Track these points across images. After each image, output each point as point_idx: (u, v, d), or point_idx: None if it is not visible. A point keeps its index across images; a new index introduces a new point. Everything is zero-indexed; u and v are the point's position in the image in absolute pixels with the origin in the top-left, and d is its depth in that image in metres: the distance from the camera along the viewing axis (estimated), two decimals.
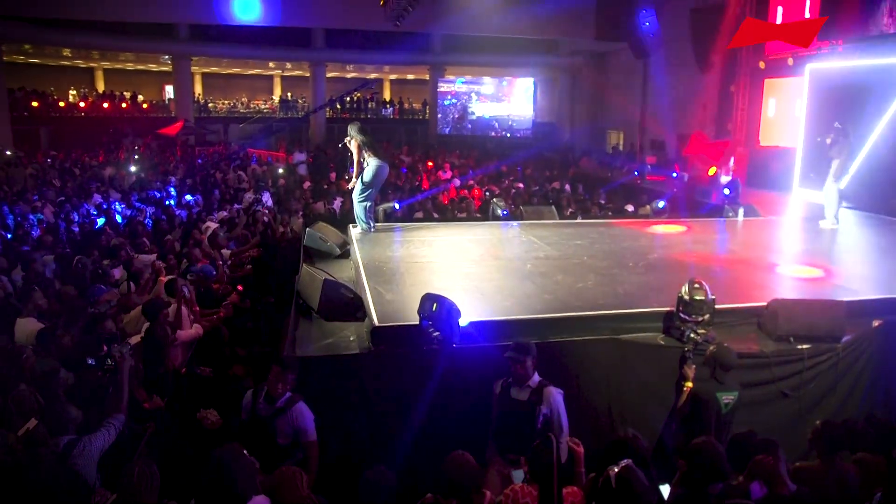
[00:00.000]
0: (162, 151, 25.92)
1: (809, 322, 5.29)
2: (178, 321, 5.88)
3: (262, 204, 11.13)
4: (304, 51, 32.35)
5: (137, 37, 28.00)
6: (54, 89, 31.21)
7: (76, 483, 3.60)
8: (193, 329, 5.83)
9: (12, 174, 17.18)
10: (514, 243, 8.25)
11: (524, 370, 4.29)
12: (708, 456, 3.43)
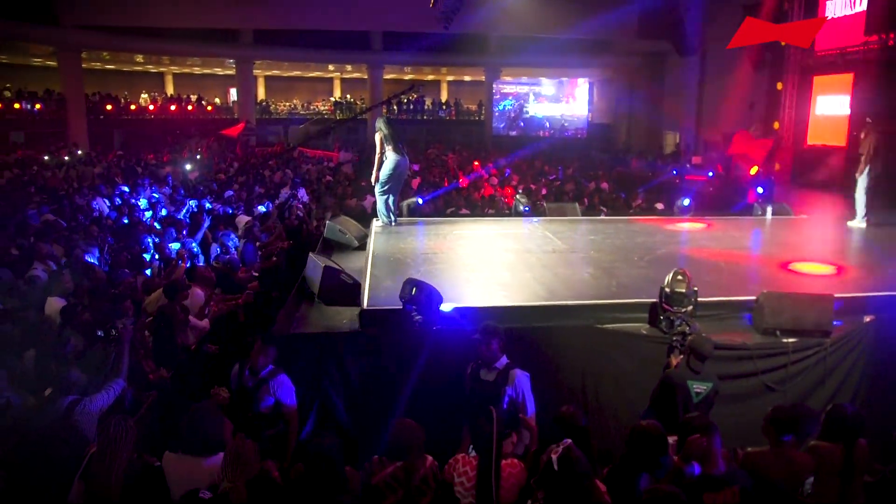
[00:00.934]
0: (223, 151, 27.01)
1: (796, 315, 5.28)
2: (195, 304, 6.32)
3: (297, 199, 11.63)
4: (362, 53, 33.09)
5: (203, 42, 29.30)
6: (128, 93, 32.95)
7: (75, 436, 4.02)
8: (203, 322, 6.22)
9: (82, 172, 18.37)
10: (529, 237, 8.40)
11: (490, 352, 4.48)
12: (646, 438, 3.56)
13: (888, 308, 5.49)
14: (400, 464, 3.56)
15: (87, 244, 7.91)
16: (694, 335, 4.87)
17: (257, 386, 4.47)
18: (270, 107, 37.51)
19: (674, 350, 5.15)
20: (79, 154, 21.68)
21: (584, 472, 3.20)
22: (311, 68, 38.61)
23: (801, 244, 8.12)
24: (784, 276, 6.56)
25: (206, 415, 3.61)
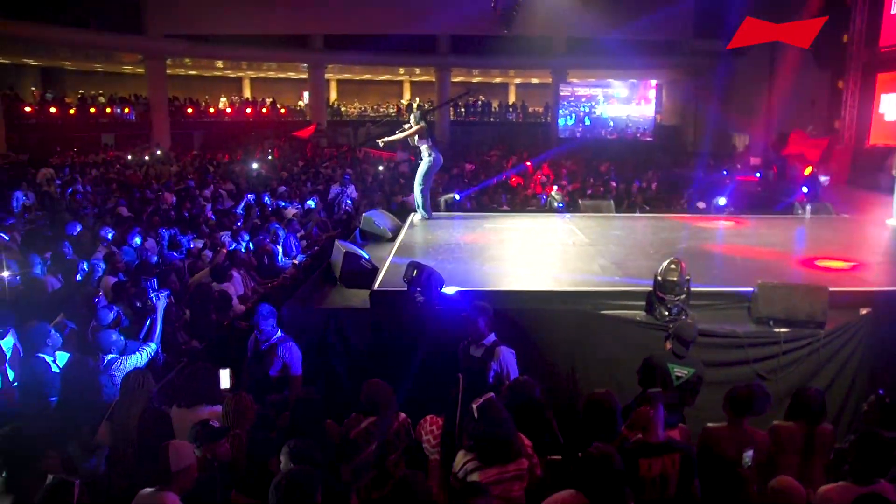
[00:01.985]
0: (293, 152, 28.19)
1: (789, 306, 5.39)
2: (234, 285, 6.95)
3: (347, 195, 12.28)
4: (430, 56, 33.74)
5: (278, 47, 30.64)
6: (209, 97, 34.79)
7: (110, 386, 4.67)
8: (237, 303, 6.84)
9: (160, 170, 19.74)
10: (555, 232, 8.68)
11: (476, 329, 4.83)
12: (599, 408, 3.86)
13: (886, 302, 5.52)
14: (373, 419, 3.98)
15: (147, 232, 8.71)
16: (679, 321, 5.06)
17: (269, 350, 4.99)
18: (341, 109, 38.72)
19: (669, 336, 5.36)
20: (158, 154, 23.18)
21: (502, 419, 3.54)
22: (381, 72, 39.58)
23: (828, 241, 8.06)
24: (796, 270, 6.62)
25: (205, 373, 4.11)
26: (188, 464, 3.23)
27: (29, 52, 26.65)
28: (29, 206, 12.58)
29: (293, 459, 3.16)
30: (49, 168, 17.59)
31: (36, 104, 26.03)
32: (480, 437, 3.62)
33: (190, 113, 31.26)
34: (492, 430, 3.59)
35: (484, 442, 3.61)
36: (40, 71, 30.09)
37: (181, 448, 3.26)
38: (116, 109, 27.75)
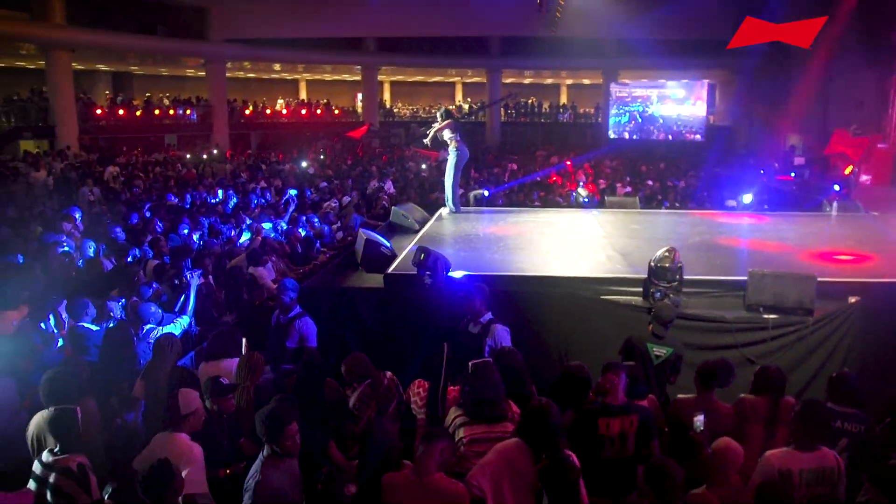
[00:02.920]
0: (344, 151, 29.04)
1: (777, 293, 5.62)
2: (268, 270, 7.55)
3: (384, 191, 12.84)
4: (481, 58, 34.16)
5: (332, 50, 31.60)
6: (266, 99, 36.10)
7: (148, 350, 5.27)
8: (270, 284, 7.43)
9: (216, 169, 20.76)
10: (575, 225, 9.01)
11: (472, 308, 5.26)
12: (572, 379, 4.25)
13: (875, 291, 5.68)
14: (369, 381, 4.46)
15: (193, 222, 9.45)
16: (658, 303, 5.37)
17: (287, 324, 5.52)
18: (394, 110, 39.55)
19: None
20: (214, 153, 24.33)
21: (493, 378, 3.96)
22: (433, 73, 40.23)
23: (844, 237, 8.12)
24: (800, 262, 6.78)
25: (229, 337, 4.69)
26: (195, 408, 3.77)
27: (101, 58, 28.34)
28: (94, 201, 13.59)
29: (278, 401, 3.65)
30: (115, 166, 18.81)
31: (106, 107, 27.61)
32: (470, 395, 4.06)
33: (248, 114, 32.53)
34: (481, 389, 4.02)
35: (473, 399, 4.04)
36: (111, 76, 31.87)
37: (189, 395, 3.81)
38: (179, 111, 29.13)
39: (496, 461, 3.45)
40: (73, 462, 3.43)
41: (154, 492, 3.03)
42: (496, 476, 3.39)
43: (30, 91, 25.36)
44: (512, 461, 3.44)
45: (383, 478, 3.31)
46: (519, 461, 3.41)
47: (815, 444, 3.66)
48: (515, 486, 3.35)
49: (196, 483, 3.52)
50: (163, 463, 3.12)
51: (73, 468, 3.39)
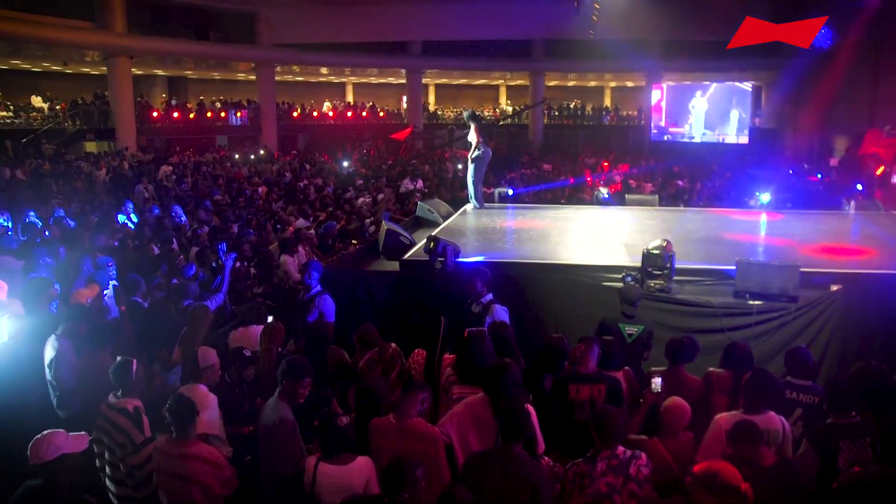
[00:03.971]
0: (389, 153, 29.80)
1: (763, 281, 5.98)
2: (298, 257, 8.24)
3: (416, 189, 13.48)
4: (524, 61, 34.54)
5: (378, 54, 32.46)
6: (314, 101, 37.25)
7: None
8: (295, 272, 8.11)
9: (262, 169, 21.73)
10: (589, 220, 9.44)
11: (474, 289, 5.78)
12: (552, 349, 4.74)
13: (856, 280, 6.00)
14: (376, 349, 5.04)
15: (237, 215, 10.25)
16: (624, 284, 5.81)
17: (309, 301, 6.15)
18: (438, 112, 40.25)
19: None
20: (262, 153, 25.39)
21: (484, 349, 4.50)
22: (478, 76, 40.71)
23: (849, 233, 8.36)
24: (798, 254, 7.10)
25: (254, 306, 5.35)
26: (211, 363, 4.41)
27: (158, 63, 29.82)
28: (147, 197, 14.60)
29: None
30: (168, 166, 19.96)
31: (162, 110, 29.04)
32: (462, 357, 4.60)
33: (295, 116, 33.69)
34: (472, 354, 4.55)
35: (464, 362, 4.58)
36: (167, 80, 33.43)
37: (207, 352, 4.46)
38: (230, 113, 30.40)
39: (463, 412, 3.99)
40: (131, 405, 4.11)
41: (177, 415, 3.68)
42: (462, 424, 3.93)
43: (93, 95, 26.92)
44: (476, 412, 3.96)
45: (371, 422, 3.88)
46: (482, 412, 3.92)
47: (761, 408, 4.06)
48: (480, 434, 3.85)
49: (211, 425, 4.15)
50: (182, 397, 3.78)
51: (130, 409, 4.07)
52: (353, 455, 3.61)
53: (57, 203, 12.28)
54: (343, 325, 6.20)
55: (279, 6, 27.21)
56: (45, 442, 3.27)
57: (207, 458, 3.69)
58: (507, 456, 3.41)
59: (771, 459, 3.49)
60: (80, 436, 3.53)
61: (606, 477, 3.44)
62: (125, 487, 4.01)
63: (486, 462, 3.46)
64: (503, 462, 3.40)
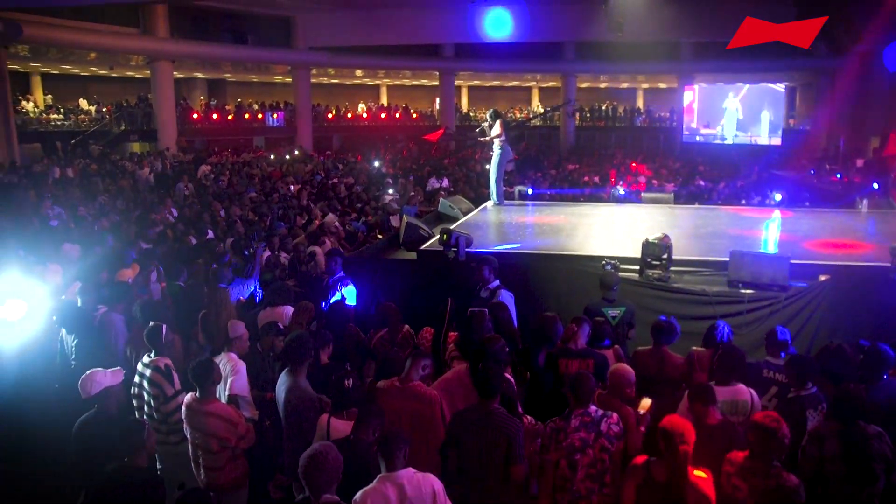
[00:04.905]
0: (421, 154, 30.39)
1: (754, 271, 6.35)
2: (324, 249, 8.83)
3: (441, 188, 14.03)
4: (556, 63, 34.79)
5: (411, 56, 33.09)
6: (348, 104, 38.10)
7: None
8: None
9: (297, 169, 22.49)
10: (602, 216, 9.84)
11: (481, 275, 6.27)
12: (546, 324, 5.20)
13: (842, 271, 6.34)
14: (386, 329, 5.56)
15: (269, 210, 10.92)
16: (602, 271, 6.23)
17: (332, 285, 6.71)
18: (470, 114, 40.74)
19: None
20: (296, 154, 26.22)
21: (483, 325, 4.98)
22: (510, 78, 41.08)
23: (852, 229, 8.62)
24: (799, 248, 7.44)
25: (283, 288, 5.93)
26: (240, 334, 4.98)
27: (198, 66, 30.92)
28: (188, 195, 15.41)
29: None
30: (207, 165, 20.84)
31: (201, 112, 30.10)
32: (463, 335, 5.10)
33: (330, 118, 34.53)
34: (472, 331, 5.04)
35: (465, 338, 5.08)
36: (207, 83, 34.57)
37: (236, 324, 5.05)
38: (267, 115, 31.35)
39: (451, 378, 4.53)
40: (162, 363, 4.74)
41: (198, 378, 4.27)
42: (450, 389, 4.45)
43: (137, 98, 28.09)
44: (463, 379, 4.45)
45: (377, 384, 4.41)
46: (467, 378, 4.41)
47: (730, 381, 4.47)
48: (466, 398, 4.31)
49: (241, 388, 4.73)
50: (202, 362, 4.39)
51: (162, 367, 4.70)
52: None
53: (103, 200, 13.14)
54: (364, 308, 6.75)
55: (314, 11, 28.01)
56: (89, 380, 4.06)
57: (223, 415, 4.26)
58: (485, 411, 3.90)
59: (717, 420, 3.94)
60: (115, 371, 4.33)
61: (580, 432, 3.90)
62: (160, 434, 4.61)
63: (466, 418, 3.96)
64: (481, 417, 3.89)
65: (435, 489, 3.38)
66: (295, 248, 8.33)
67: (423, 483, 3.37)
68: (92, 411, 4.09)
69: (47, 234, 8.93)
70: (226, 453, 4.25)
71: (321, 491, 3.14)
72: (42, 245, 8.05)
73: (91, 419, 4.06)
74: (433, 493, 3.36)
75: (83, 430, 4.04)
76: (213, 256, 7.60)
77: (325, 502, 3.12)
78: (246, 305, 6.73)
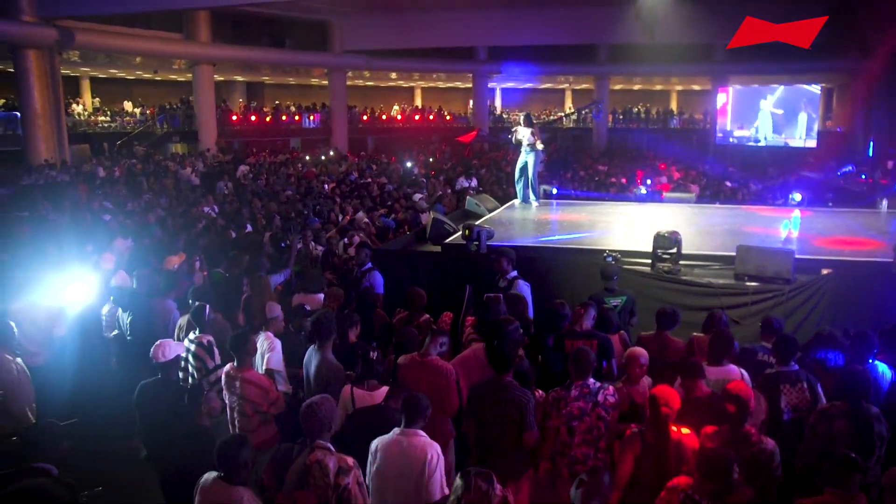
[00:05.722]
0: (452, 155, 30.87)
1: (759, 265, 6.67)
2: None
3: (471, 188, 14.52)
4: (589, 65, 34.97)
5: (445, 59, 33.61)
6: (383, 106, 38.81)
7: None
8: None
9: (331, 170, 23.16)
10: (620, 214, 10.20)
11: (500, 266, 6.71)
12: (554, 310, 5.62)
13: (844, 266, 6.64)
14: (406, 313, 6.04)
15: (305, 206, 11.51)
16: (603, 263, 6.60)
17: (362, 275, 7.22)
18: (503, 116, 41.11)
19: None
20: (331, 155, 26.93)
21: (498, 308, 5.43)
22: (544, 80, 41.32)
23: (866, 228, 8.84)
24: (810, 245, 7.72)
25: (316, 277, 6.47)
26: (276, 315, 5.51)
27: (238, 70, 31.90)
28: (227, 194, 16.15)
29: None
30: (246, 165, 21.64)
31: (240, 114, 31.05)
32: (480, 318, 5.56)
33: (365, 120, 35.26)
34: (488, 314, 5.50)
35: (481, 321, 5.54)
36: (245, 85, 35.58)
37: (272, 305, 5.58)
38: (303, 116, 32.17)
39: (469, 355, 5.01)
40: (205, 339, 5.30)
41: (235, 348, 4.79)
42: (467, 364, 4.93)
43: (179, 100, 29.13)
44: (479, 357, 4.91)
45: (398, 358, 4.88)
46: (483, 356, 4.85)
47: (721, 361, 4.85)
48: (481, 373, 4.77)
49: (276, 363, 5.23)
50: (239, 334, 4.92)
51: (205, 343, 5.26)
52: (378, 384, 4.60)
53: (148, 198, 13.92)
54: (391, 295, 7.24)
55: (350, 15, 28.68)
56: (164, 346, 4.64)
57: (256, 382, 4.78)
58: (500, 384, 4.35)
59: (705, 392, 4.33)
60: (179, 343, 5.03)
61: (578, 402, 4.32)
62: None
63: (483, 390, 4.41)
64: (496, 389, 4.34)
65: (430, 456, 3.77)
66: (328, 241, 8.90)
67: (423, 447, 3.80)
68: (156, 377, 4.63)
69: (101, 228, 9.66)
70: (257, 417, 4.76)
71: (314, 436, 3.63)
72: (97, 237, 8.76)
73: (154, 384, 4.60)
74: (426, 459, 3.76)
75: (146, 393, 4.57)
76: (251, 248, 8.19)
77: (317, 446, 3.61)
78: (282, 292, 7.27)
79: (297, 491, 3.55)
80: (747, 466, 3.88)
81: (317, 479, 3.52)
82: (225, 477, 3.36)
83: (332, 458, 3.58)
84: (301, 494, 3.53)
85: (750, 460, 3.90)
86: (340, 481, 3.50)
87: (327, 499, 3.50)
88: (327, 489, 3.51)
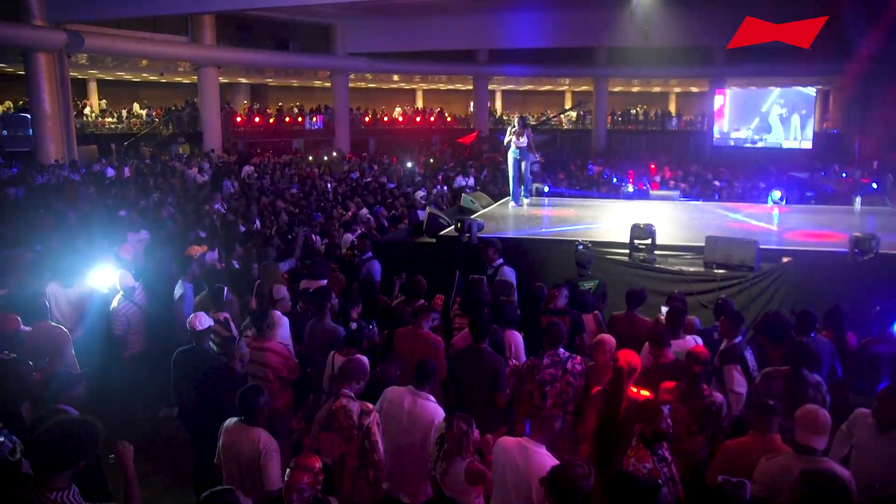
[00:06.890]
0: (453, 156, 31.44)
1: (726, 253, 7.27)
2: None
3: (468, 186, 15.15)
4: (587, 68, 35.53)
5: (446, 61, 34.19)
6: (385, 107, 39.43)
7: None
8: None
9: (333, 168, 23.77)
10: (609, 210, 10.80)
11: (486, 255, 7.31)
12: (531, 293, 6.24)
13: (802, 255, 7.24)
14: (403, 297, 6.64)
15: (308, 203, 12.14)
16: (577, 251, 7.20)
17: (361, 264, 7.83)
18: (503, 118, 41.69)
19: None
20: (333, 155, 27.55)
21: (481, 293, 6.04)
22: (544, 82, 41.86)
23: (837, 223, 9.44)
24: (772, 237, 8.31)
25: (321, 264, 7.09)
26: (283, 296, 6.12)
27: (242, 72, 32.54)
28: (233, 193, 16.80)
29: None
30: (250, 166, 22.28)
31: (244, 115, 31.68)
32: (465, 296, 6.17)
33: (367, 121, 35.88)
34: (472, 293, 6.11)
35: (465, 298, 6.15)
36: (250, 87, 36.23)
37: (279, 288, 6.19)
38: (306, 118, 32.80)
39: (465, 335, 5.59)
40: (222, 316, 5.91)
41: (256, 321, 5.43)
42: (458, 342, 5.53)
43: (184, 102, 29.76)
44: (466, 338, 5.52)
45: (395, 331, 5.51)
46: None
47: (678, 334, 5.46)
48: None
49: (283, 336, 5.83)
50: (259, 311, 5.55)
51: (221, 319, 5.86)
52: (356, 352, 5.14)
53: (157, 197, 14.56)
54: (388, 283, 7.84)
55: (354, 18, 29.26)
56: (198, 317, 5.25)
57: (277, 350, 5.40)
58: (476, 350, 4.99)
59: (670, 359, 4.93)
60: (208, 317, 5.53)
61: (550, 369, 4.92)
62: None
63: (461, 356, 5.07)
64: (472, 355, 4.97)
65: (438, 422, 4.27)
66: (331, 234, 9.54)
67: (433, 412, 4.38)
68: (190, 345, 5.23)
69: (119, 223, 10.31)
70: (277, 383, 5.36)
71: (342, 386, 4.31)
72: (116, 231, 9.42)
73: (189, 351, 5.21)
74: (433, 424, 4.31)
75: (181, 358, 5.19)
76: (260, 240, 8.82)
77: (343, 394, 4.28)
78: (289, 280, 7.88)
79: (323, 433, 4.19)
80: (700, 416, 4.50)
81: (341, 422, 4.19)
82: (245, 420, 3.97)
83: (355, 403, 4.24)
84: (326, 436, 4.21)
85: (702, 411, 4.50)
86: (364, 421, 4.16)
87: (352, 437, 4.16)
88: (352, 429, 4.16)
